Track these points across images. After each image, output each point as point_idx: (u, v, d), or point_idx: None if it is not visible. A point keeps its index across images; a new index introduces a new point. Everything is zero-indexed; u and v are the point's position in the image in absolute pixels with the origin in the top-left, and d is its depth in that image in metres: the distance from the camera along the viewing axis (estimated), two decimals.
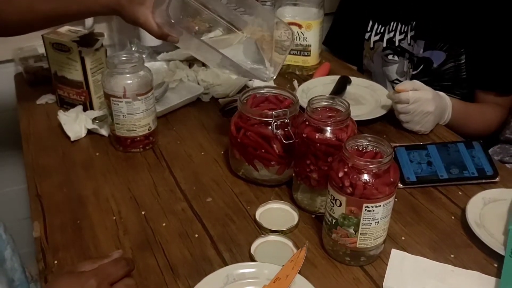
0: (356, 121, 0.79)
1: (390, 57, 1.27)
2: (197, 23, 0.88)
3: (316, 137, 0.74)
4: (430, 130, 1.03)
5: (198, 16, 0.86)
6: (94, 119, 1.05)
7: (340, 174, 0.66)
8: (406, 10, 1.22)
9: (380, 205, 0.66)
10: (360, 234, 0.68)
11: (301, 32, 1.26)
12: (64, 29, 1.07)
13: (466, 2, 1.13)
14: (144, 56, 1.27)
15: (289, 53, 1.29)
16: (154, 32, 0.83)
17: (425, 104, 0.99)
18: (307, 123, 0.75)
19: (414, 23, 1.20)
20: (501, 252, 0.72)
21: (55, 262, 0.73)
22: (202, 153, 0.98)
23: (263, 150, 0.84)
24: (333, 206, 0.68)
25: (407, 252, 0.74)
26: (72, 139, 1.01)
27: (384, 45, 1.27)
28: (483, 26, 1.11)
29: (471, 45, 1.13)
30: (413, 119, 1.00)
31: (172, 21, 0.80)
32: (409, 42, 1.21)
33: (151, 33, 0.84)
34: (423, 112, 0.99)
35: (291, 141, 0.80)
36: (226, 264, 0.72)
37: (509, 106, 1.16)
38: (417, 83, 1.01)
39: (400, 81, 1.22)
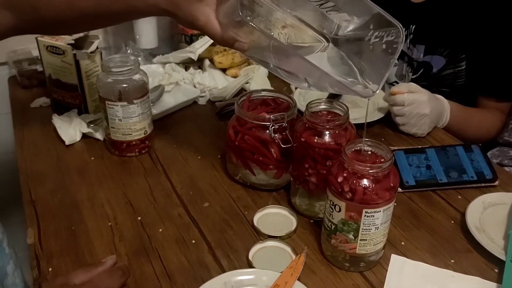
0: (353, 124, 0.78)
1: None
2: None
3: (315, 141, 0.73)
4: (426, 132, 1.02)
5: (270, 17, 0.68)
6: (89, 123, 1.03)
7: (340, 179, 0.65)
8: (405, 13, 1.21)
9: (380, 211, 0.65)
10: (360, 239, 0.67)
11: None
12: None
13: (466, 8, 1.12)
14: (139, 59, 1.26)
15: None
16: (217, 36, 0.68)
17: (420, 106, 0.99)
18: (305, 126, 0.75)
19: (413, 27, 1.19)
20: (502, 257, 0.71)
21: (50, 269, 0.71)
22: (199, 157, 0.97)
23: (260, 155, 0.83)
24: (332, 212, 0.67)
25: (407, 258, 0.74)
26: (66, 143, 1.00)
27: None
28: (484, 32, 1.11)
29: (472, 51, 1.13)
30: (409, 122, 1.00)
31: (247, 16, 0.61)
32: (408, 46, 1.21)
33: (213, 37, 0.69)
34: (418, 114, 0.99)
35: (289, 145, 0.79)
36: (223, 271, 0.71)
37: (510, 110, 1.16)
38: (413, 85, 1.01)
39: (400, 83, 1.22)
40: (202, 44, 1.24)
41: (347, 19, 0.70)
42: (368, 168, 0.64)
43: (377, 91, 0.67)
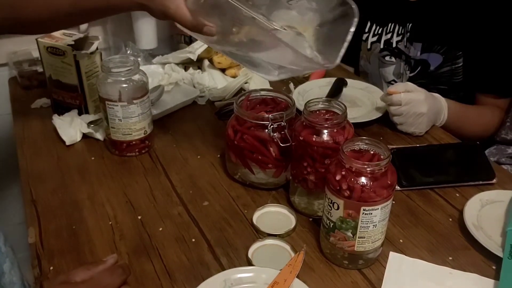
0: (352, 123, 0.78)
1: (387, 58, 1.27)
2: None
3: (313, 139, 0.74)
4: (424, 131, 1.03)
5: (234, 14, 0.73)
6: (89, 123, 1.04)
7: (338, 177, 0.66)
8: (402, 12, 1.22)
9: (378, 208, 0.65)
10: (358, 237, 0.68)
11: None
12: (59, 32, 1.06)
13: (462, 5, 1.13)
14: (139, 59, 1.27)
15: None
16: (187, 22, 0.72)
17: (417, 105, 0.99)
18: (304, 125, 0.75)
19: (410, 25, 1.20)
20: (499, 254, 0.72)
21: (51, 268, 0.72)
22: (198, 157, 0.97)
23: (259, 154, 0.83)
24: (331, 210, 0.68)
25: (405, 255, 0.74)
26: (67, 143, 1.00)
27: (382, 46, 1.27)
28: (480, 29, 1.11)
29: (469, 48, 1.13)
30: (407, 121, 1.00)
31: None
32: (405, 44, 1.21)
33: (184, 23, 0.73)
34: (416, 113, 0.99)
35: (288, 144, 0.80)
36: (223, 269, 0.71)
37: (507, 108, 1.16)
38: (409, 84, 1.01)
39: (397, 82, 1.22)
40: (201, 45, 1.25)
41: (307, 6, 0.75)
42: (366, 166, 0.64)
43: (338, 61, 0.70)
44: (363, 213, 0.65)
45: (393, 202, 0.77)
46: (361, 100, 1.15)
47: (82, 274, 0.61)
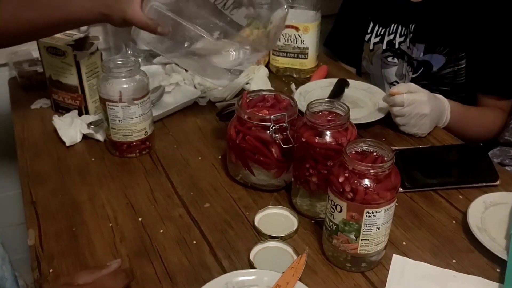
0: (354, 124, 0.78)
1: (389, 59, 1.26)
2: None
3: (316, 141, 0.73)
4: (427, 132, 1.02)
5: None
6: (89, 124, 1.03)
7: (341, 179, 0.65)
8: (405, 12, 1.21)
9: (382, 211, 0.65)
10: (361, 240, 0.67)
11: (298, 35, 1.25)
12: None
13: (465, 7, 1.12)
14: (140, 59, 1.26)
15: (287, 56, 1.29)
16: (143, 23, 0.81)
17: (420, 106, 0.98)
18: (306, 126, 0.74)
19: (413, 26, 1.19)
20: (504, 256, 0.71)
21: (50, 270, 0.71)
22: (199, 158, 0.97)
23: (261, 155, 0.83)
24: (334, 212, 0.67)
25: (408, 257, 0.73)
26: (67, 144, 1.00)
27: (384, 47, 1.26)
28: (483, 30, 1.11)
29: (471, 49, 1.13)
30: (409, 122, 1.00)
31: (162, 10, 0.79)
32: (408, 45, 1.21)
33: (139, 25, 0.82)
34: (418, 114, 0.98)
35: (290, 145, 0.79)
36: (225, 271, 0.70)
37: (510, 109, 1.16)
38: (412, 85, 1.00)
39: (399, 83, 1.22)
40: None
41: (246, 12, 0.87)
42: (369, 168, 0.64)
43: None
44: (366, 216, 0.65)
45: (396, 204, 0.77)
46: (363, 101, 1.15)
47: (85, 277, 0.61)
